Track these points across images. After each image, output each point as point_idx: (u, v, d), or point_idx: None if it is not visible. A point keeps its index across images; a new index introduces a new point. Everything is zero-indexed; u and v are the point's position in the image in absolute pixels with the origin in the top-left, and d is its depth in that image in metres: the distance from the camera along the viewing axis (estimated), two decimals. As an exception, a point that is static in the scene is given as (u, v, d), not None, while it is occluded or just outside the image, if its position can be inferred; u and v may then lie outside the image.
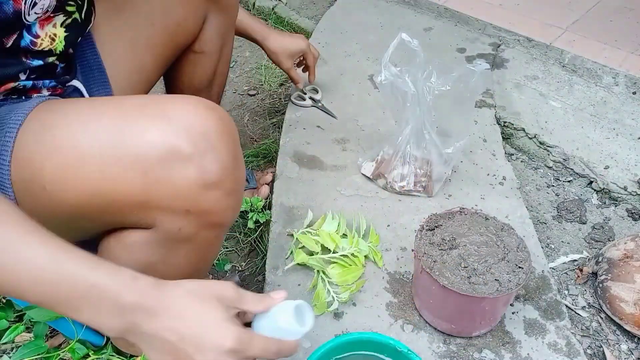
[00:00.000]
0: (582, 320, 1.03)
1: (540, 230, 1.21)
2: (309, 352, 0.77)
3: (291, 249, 1.05)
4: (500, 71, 1.62)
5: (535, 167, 1.40)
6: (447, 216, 0.96)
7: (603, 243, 1.18)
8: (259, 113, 1.69)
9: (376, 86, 1.33)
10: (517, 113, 1.47)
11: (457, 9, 1.91)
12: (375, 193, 1.20)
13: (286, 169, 1.26)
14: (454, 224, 0.94)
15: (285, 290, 0.65)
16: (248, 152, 1.50)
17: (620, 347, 0.99)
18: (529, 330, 0.94)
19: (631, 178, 1.28)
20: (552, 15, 1.88)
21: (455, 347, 0.91)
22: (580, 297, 1.08)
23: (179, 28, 0.96)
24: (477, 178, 1.25)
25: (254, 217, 1.20)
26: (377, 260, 1.04)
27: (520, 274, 0.85)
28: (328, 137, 1.35)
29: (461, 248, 0.90)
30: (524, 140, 1.44)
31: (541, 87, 1.56)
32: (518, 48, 1.72)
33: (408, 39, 1.00)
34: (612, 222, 1.25)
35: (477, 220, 0.95)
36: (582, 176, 1.34)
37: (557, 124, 1.44)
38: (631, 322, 0.98)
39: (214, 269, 1.18)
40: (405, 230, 1.12)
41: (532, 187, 1.34)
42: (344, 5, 1.94)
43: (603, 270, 1.05)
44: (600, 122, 1.43)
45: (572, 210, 1.26)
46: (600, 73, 1.59)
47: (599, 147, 1.37)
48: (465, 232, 0.92)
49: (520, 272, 0.85)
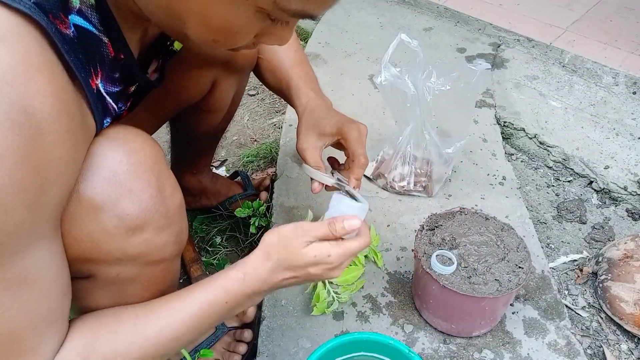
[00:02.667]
0: (582, 320, 1.03)
1: (540, 230, 1.21)
2: (309, 352, 0.77)
3: (291, 249, 1.05)
4: (500, 71, 1.62)
5: (535, 167, 1.40)
6: (447, 216, 0.96)
7: (603, 243, 1.18)
8: (259, 113, 1.69)
9: (376, 86, 1.33)
10: (517, 113, 1.47)
11: (457, 9, 1.91)
12: (375, 193, 1.20)
13: (286, 169, 1.26)
14: (453, 224, 0.94)
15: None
16: (248, 152, 1.50)
17: (620, 347, 0.99)
18: (529, 330, 0.94)
19: (631, 178, 1.28)
20: (552, 15, 1.88)
21: (455, 347, 0.91)
22: (580, 297, 1.08)
23: (183, 91, 0.92)
24: (477, 178, 1.25)
25: (256, 222, 1.19)
26: (377, 260, 1.04)
27: (520, 274, 0.85)
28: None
29: (461, 248, 0.90)
30: (524, 140, 1.44)
31: (541, 87, 1.56)
32: (518, 48, 1.72)
33: (407, 40, 1.00)
34: (612, 222, 1.25)
35: (477, 220, 0.95)
36: (582, 176, 1.34)
37: (557, 124, 1.44)
38: (631, 322, 0.98)
39: (214, 268, 1.18)
40: (405, 230, 1.12)
41: (532, 187, 1.34)
42: (344, 5, 1.94)
43: (603, 270, 1.05)
44: (600, 122, 1.43)
45: (572, 210, 1.26)
46: (600, 73, 1.59)
47: (599, 147, 1.37)
48: (465, 232, 0.92)
49: (521, 272, 0.85)
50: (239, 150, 1.53)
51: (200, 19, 0.50)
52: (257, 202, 1.20)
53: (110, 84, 0.57)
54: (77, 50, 0.48)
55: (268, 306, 0.97)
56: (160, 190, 0.60)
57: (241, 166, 1.47)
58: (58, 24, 0.45)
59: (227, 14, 0.49)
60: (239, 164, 1.48)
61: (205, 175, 1.23)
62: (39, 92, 0.42)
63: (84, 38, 0.49)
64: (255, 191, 1.28)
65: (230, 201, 1.25)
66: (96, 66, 0.53)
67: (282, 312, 0.96)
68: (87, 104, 0.52)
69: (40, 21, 0.42)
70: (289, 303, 0.97)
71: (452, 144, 1.14)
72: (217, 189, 1.25)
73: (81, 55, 0.49)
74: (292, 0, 0.47)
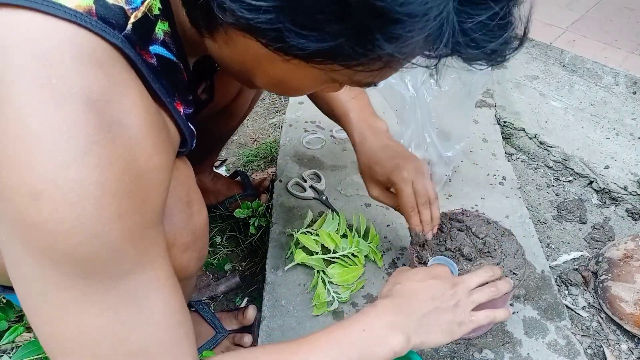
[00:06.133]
0: (582, 320, 1.03)
1: (540, 230, 1.21)
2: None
3: (291, 249, 1.05)
4: (500, 71, 1.62)
5: (536, 167, 1.40)
6: (447, 217, 0.96)
7: (603, 243, 1.18)
8: (259, 113, 1.69)
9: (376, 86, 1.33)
10: (517, 113, 1.47)
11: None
12: (375, 193, 1.20)
13: (286, 169, 1.26)
14: (453, 227, 0.94)
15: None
16: (248, 152, 1.50)
17: (620, 347, 0.99)
18: (529, 330, 0.94)
19: (631, 178, 1.28)
20: (552, 15, 1.88)
21: (456, 347, 0.91)
22: (580, 297, 1.08)
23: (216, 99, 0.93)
24: (477, 178, 1.25)
25: (256, 222, 1.19)
26: (377, 260, 1.04)
27: (513, 280, 0.85)
28: (328, 137, 1.35)
29: (457, 250, 0.89)
30: (524, 140, 1.44)
31: (541, 87, 1.56)
32: (518, 48, 1.72)
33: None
34: (612, 222, 1.25)
35: (478, 223, 0.94)
36: (582, 176, 1.34)
37: (557, 123, 1.44)
38: (631, 322, 0.98)
39: (214, 268, 1.18)
40: (405, 230, 1.11)
41: (532, 187, 1.34)
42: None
43: (603, 270, 1.05)
44: (601, 122, 1.43)
45: (572, 210, 1.26)
46: (600, 73, 1.59)
47: (599, 147, 1.37)
48: (464, 235, 0.92)
49: (514, 279, 0.85)
50: (239, 150, 1.53)
51: (274, 80, 0.53)
52: (256, 202, 1.20)
53: (186, 107, 0.59)
54: (161, 77, 0.51)
55: (268, 306, 0.97)
56: (189, 206, 0.61)
57: (241, 166, 1.47)
58: (144, 55, 0.48)
59: (302, 80, 0.52)
60: (239, 164, 1.48)
61: (207, 174, 1.23)
62: (133, 106, 0.44)
63: (166, 66, 0.52)
64: (255, 191, 1.28)
65: (230, 201, 1.25)
66: (177, 92, 0.56)
67: (282, 312, 0.96)
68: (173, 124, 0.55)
69: (130, 54, 0.45)
70: (289, 303, 0.97)
71: (452, 146, 1.14)
72: (217, 188, 1.26)
73: (164, 82, 0.52)
74: (365, 76, 0.49)
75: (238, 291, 1.14)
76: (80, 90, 0.40)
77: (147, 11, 0.47)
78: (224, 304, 1.11)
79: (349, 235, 1.06)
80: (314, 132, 1.37)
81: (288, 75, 0.50)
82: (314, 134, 1.36)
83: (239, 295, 1.13)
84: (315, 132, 1.37)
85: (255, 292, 1.12)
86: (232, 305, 1.11)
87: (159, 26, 0.50)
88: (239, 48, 0.49)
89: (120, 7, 0.44)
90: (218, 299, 1.12)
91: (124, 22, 0.44)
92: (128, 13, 0.45)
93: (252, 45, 0.45)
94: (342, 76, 0.48)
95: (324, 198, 1.18)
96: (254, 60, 0.50)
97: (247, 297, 1.12)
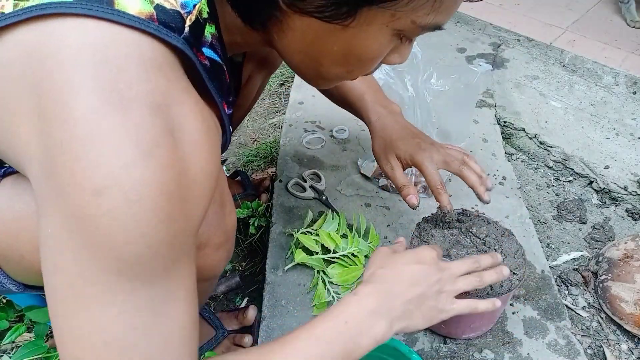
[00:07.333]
0: (582, 320, 1.03)
1: (540, 230, 1.21)
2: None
3: (291, 249, 1.05)
4: (501, 71, 1.62)
5: (535, 167, 1.40)
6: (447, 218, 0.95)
7: (603, 243, 1.18)
8: (259, 113, 1.69)
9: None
10: (517, 113, 1.47)
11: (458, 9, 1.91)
12: (375, 193, 1.20)
13: (286, 169, 1.26)
14: (452, 228, 0.93)
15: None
16: (248, 152, 1.50)
17: (620, 347, 0.99)
18: (529, 330, 0.94)
19: (631, 178, 1.28)
20: (552, 15, 1.88)
21: (456, 347, 0.91)
22: (580, 297, 1.08)
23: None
24: (477, 178, 1.25)
25: (255, 222, 1.19)
26: (377, 260, 1.04)
27: (513, 280, 0.85)
28: (328, 137, 1.36)
29: (456, 250, 0.89)
30: (524, 140, 1.44)
31: (541, 87, 1.56)
32: (518, 48, 1.72)
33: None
34: (612, 222, 1.25)
35: (478, 223, 0.94)
36: (582, 176, 1.35)
37: (557, 123, 1.44)
38: (631, 322, 0.98)
39: (214, 269, 1.18)
40: (405, 230, 1.12)
41: (532, 187, 1.34)
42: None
43: (603, 270, 1.05)
44: (601, 122, 1.43)
45: (572, 210, 1.26)
46: (600, 73, 1.59)
47: (599, 147, 1.37)
48: (463, 236, 0.92)
49: (514, 279, 0.85)
50: (239, 150, 1.53)
51: (339, 56, 0.54)
52: (256, 202, 1.20)
53: (228, 108, 0.60)
54: (214, 78, 0.53)
55: (268, 306, 0.97)
56: (222, 207, 0.62)
57: (241, 166, 1.47)
58: (199, 57, 0.50)
59: (366, 44, 0.53)
60: (239, 163, 1.48)
61: None
62: (191, 111, 0.45)
63: (214, 67, 0.54)
64: (255, 191, 1.28)
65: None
66: (223, 92, 0.57)
67: (282, 312, 0.96)
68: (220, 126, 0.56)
69: (190, 56, 0.47)
70: (289, 303, 0.97)
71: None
72: None
73: (216, 82, 0.54)
74: (428, 15, 0.50)
75: (238, 291, 1.14)
76: (145, 95, 0.41)
77: (198, 15, 0.49)
78: (224, 304, 1.11)
79: (349, 235, 1.06)
80: (314, 132, 1.37)
81: (352, 43, 0.52)
82: (314, 134, 1.36)
83: (239, 295, 1.13)
84: (315, 132, 1.37)
85: (255, 292, 1.12)
86: (232, 305, 1.11)
87: (207, 29, 0.51)
88: (298, 32, 0.51)
89: (177, 11, 0.46)
90: (218, 299, 1.12)
91: (182, 25, 0.46)
92: (184, 17, 0.47)
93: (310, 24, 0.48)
94: (404, 24, 0.50)
95: (324, 198, 1.18)
96: (315, 41, 0.52)
97: (247, 297, 1.12)
